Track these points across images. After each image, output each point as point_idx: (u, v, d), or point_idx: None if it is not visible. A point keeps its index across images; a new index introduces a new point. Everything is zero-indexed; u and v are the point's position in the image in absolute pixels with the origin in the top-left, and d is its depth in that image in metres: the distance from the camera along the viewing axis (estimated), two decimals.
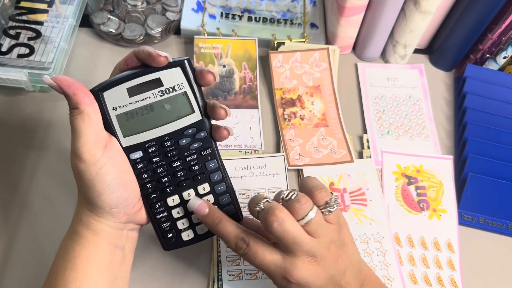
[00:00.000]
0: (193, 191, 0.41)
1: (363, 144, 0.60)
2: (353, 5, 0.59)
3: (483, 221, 0.55)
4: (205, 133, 0.40)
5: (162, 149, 0.39)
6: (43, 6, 0.61)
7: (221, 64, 0.62)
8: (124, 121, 0.38)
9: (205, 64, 0.62)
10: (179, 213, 0.41)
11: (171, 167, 0.40)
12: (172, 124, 0.39)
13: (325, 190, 0.38)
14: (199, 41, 0.63)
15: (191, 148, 0.40)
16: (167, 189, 0.40)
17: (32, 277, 0.48)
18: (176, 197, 0.41)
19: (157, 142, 0.39)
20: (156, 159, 0.39)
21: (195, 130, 0.40)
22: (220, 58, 0.63)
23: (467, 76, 0.64)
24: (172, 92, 0.38)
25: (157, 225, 0.41)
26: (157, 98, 0.38)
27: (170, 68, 0.38)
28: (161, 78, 0.38)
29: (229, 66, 0.62)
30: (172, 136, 0.39)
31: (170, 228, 0.41)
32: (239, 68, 0.63)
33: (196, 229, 0.42)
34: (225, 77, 0.62)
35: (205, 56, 0.62)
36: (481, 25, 0.60)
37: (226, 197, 0.42)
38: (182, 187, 0.41)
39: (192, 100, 0.39)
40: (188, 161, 0.40)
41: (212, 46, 0.63)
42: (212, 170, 0.41)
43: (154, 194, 0.40)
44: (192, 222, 0.42)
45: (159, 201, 0.40)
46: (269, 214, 0.36)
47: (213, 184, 0.41)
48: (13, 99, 0.58)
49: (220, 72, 0.62)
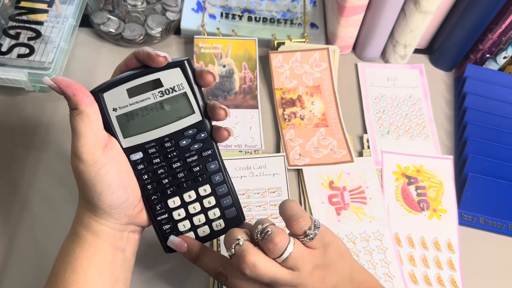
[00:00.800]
0: (194, 192, 0.41)
1: (363, 144, 0.60)
2: (353, 5, 0.59)
3: (483, 221, 0.55)
4: (206, 134, 0.40)
5: (162, 150, 0.39)
6: (43, 6, 0.61)
7: (221, 64, 0.62)
8: (124, 122, 0.38)
9: (205, 64, 0.62)
10: (180, 215, 0.41)
11: (171, 169, 0.40)
12: (172, 125, 0.39)
13: (304, 218, 0.36)
14: (199, 41, 0.63)
15: (192, 149, 0.40)
16: (168, 190, 0.40)
17: (32, 277, 0.48)
18: (177, 198, 0.40)
19: (157, 143, 0.39)
20: (156, 160, 0.39)
21: (195, 131, 0.39)
22: (220, 58, 0.63)
23: (467, 76, 0.64)
24: (172, 92, 0.38)
25: (158, 227, 0.41)
26: (157, 99, 0.38)
27: (170, 69, 0.38)
28: (161, 78, 0.38)
29: (229, 66, 0.62)
30: (172, 137, 0.39)
31: (171, 230, 0.41)
32: (239, 68, 0.62)
33: (198, 231, 0.41)
34: (225, 77, 0.62)
35: (205, 56, 0.62)
36: (481, 25, 0.60)
37: (227, 199, 0.41)
38: (183, 188, 0.40)
39: (192, 101, 0.39)
40: (189, 162, 0.40)
41: (212, 46, 0.63)
42: (213, 172, 0.41)
43: (155, 195, 0.40)
44: (193, 224, 0.41)
45: (160, 203, 0.40)
46: (240, 261, 0.35)
47: (214, 185, 0.41)
48: (13, 99, 0.58)
49: (220, 72, 0.62)
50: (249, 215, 0.52)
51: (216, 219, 0.41)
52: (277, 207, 0.53)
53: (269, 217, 0.52)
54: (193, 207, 0.41)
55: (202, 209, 0.41)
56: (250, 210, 0.53)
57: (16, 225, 0.50)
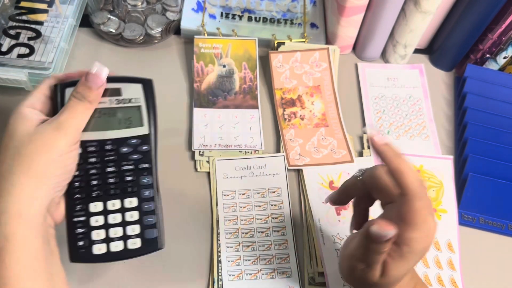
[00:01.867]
0: (119, 202, 0.40)
1: (363, 144, 0.60)
2: (353, 5, 0.59)
3: (483, 221, 0.55)
4: (148, 147, 0.41)
5: (101, 152, 0.40)
6: (43, 6, 0.61)
7: (221, 64, 0.62)
8: None
9: (205, 64, 0.62)
10: (98, 222, 0.39)
11: (104, 172, 0.40)
12: (119, 131, 0.41)
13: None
14: (199, 41, 0.63)
15: (130, 158, 0.41)
16: (94, 193, 0.40)
17: None
18: (100, 204, 0.40)
19: (99, 143, 0.40)
20: (92, 159, 0.40)
21: (139, 142, 0.41)
22: (220, 58, 0.62)
23: (467, 76, 0.64)
24: (128, 103, 0.41)
25: (72, 228, 0.39)
26: (112, 105, 0.40)
27: (133, 83, 0.41)
28: (122, 88, 0.41)
29: (229, 66, 0.62)
30: (115, 142, 0.40)
31: (84, 236, 0.39)
32: (239, 68, 0.62)
33: (110, 245, 0.39)
34: (225, 77, 0.62)
35: (205, 56, 0.62)
36: (481, 25, 0.60)
37: (151, 217, 0.40)
38: (109, 195, 0.40)
39: (144, 115, 0.41)
40: (123, 170, 0.40)
41: (212, 46, 0.63)
42: (144, 186, 0.40)
43: (80, 194, 0.39)
44: (108, 236, 0.39)
45: (82, 204, 0.39)
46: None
47: (141, 200, 0.40)
48: (13, 99, 0.58)
49: (220, 72, 0.62)
50: (249, 215, 0.52)
51: (134, 237, 0.40)
52: (277, 207, 0.53)
53: (269, 217, 0.53)
54: (113, 217, 0.40)
55: (122, 221, 0.40)
56: (250, 210, 0.53)
57: None
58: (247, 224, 0.52)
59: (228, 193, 0.54)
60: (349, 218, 0.54)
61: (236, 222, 0.52)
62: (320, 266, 0.50)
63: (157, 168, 0.41)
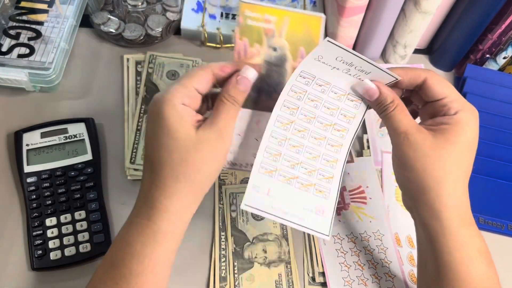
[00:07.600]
0: (70, 215, 0.49)
1: (363, 144, 0.60)
2: (353, 5, 0.59)
3: (483, 221, 0.55)
4: (92, 169, 0.52)
5: (53, 178, 0.51)
6: (43, 6, 0.61)
7: (271, 46, 0.43)
8: (32, 155, 0.52)
9: (250, 42, 0.42)
10: (53, 233, 0.48)
11: (56, 193, 0.50)
12: (67, 160, 0.52)
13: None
14: (246, 7, 0.42)
15: (77, 179, 0.51)
16: (49, 210, 0.49)
17: (32, 276, 0.48)
18: (54, 218, 0.49)
19: (51, 171, 0.51)
20: (45, 184, 0.50)
21: (84, 166, 0.52)
22: (271, 37, 0.42)
23: (467, 76, 0.64)
24: (73, 138, 0.53)
25: (32, 241, 0.48)
26: (61, 141, 0.53)
27: (77, 123, 0.54)
28: (68, 128, 0.54)
29: (281, 50, 0.43)
30: (64, 169, 0.51)
31: (42, 246, 0.48)
32: (294, 54, 0.43)
33: (65, 250, 0.48)
34: (273, 65, 0.43)
35: (251, 31, 0.42)
36: (481, 25, 0.60)
37: (98, 225, 0.49)
38: (61, 210, 0.49)
39: (87, 145, 0.53)
40: (72, 190, 0.50)
41: (263, 17, 0.42)
42: (90, 200, 0.50)
43: (37, 213, 0.49)
44: (62, 243, 0.48)
45: (39, 220, 0.49)
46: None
47: (89, 212, 0.50)
48: (13, 99, 0.58)
49: (268, 57, 0.43)
50: (312, 113, 0.42)
51: (84, 242, 0.48)
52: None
53: (331, 126, 0.44)
54: (66, 228, 0.49)
55: (73, 230, 0.49)
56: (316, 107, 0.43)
57: (17, 225, 0.50)
58: (304, 122, 0.42)
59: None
60: (349, 218, 0.54)
61: (293, 113, 0.42)
62: (320, 266, 0.50)
63: (101, 184, 0.52)
